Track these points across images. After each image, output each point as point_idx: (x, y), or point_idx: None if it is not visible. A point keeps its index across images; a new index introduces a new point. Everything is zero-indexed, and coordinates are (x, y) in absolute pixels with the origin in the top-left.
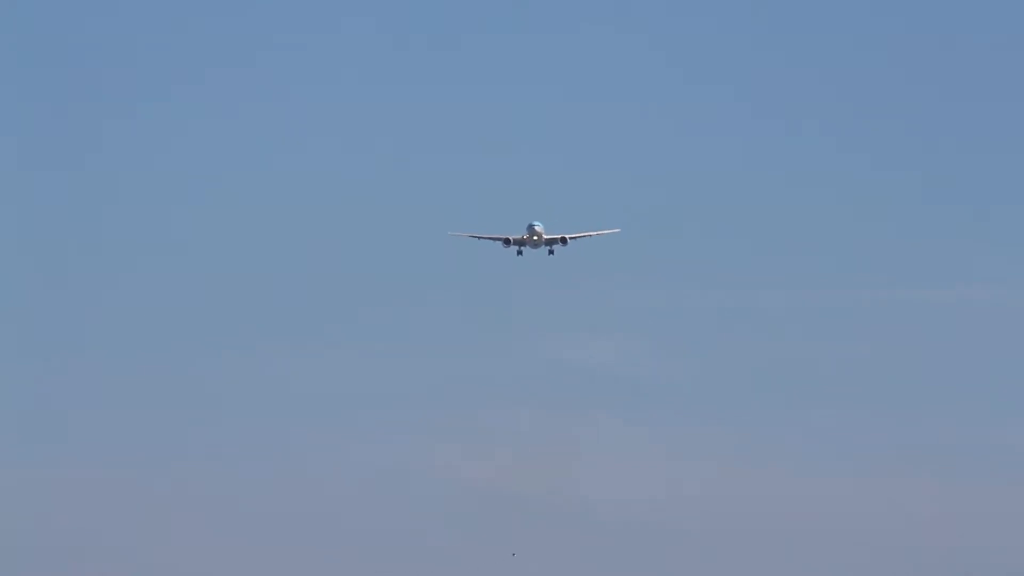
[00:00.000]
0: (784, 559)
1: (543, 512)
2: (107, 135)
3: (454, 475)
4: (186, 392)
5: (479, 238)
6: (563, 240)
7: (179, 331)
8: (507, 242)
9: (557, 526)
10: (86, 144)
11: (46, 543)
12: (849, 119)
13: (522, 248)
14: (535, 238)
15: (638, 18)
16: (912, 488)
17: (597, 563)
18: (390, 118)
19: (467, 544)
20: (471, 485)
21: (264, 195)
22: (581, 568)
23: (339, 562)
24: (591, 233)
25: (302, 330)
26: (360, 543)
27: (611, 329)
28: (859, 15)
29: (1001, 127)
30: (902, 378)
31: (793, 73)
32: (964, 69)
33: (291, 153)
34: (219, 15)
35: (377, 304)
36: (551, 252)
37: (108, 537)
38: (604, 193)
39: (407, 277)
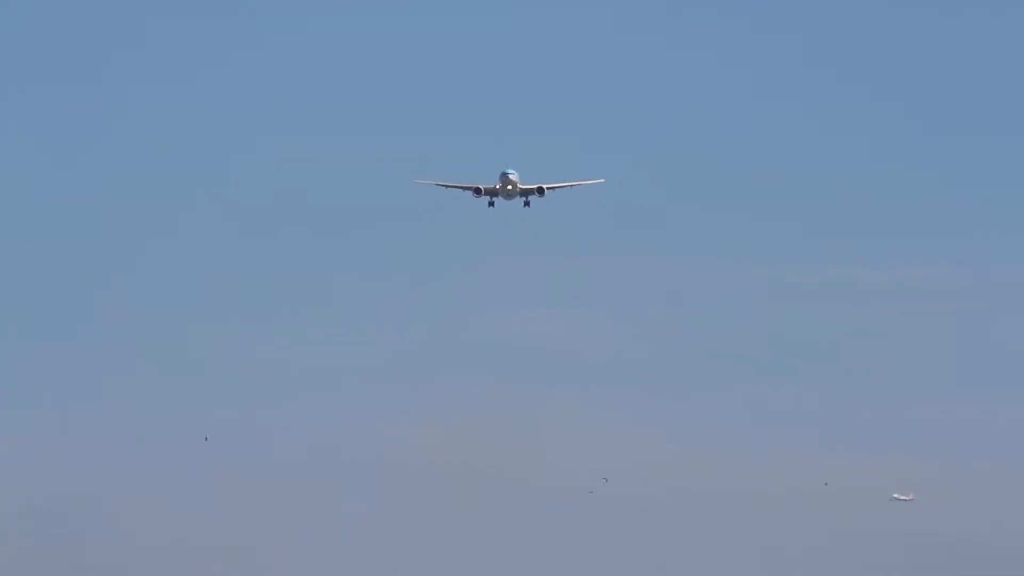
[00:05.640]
0: (740, 534)
1: (496, 485)
2: (105, 127)
3: (405, 447)
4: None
5: (447, 187)
6: (540, 191)
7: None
8: (478, 192)
9: (509, 499)
10: (89, 135)
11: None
12: (811, 95)
13: (494, 199)
14: (509, 188)
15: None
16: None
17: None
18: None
19: (420, 516)
20: (420, 457)
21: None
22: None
23: (294, 533)
24: (572, 183)
25: (257, 306)
26: (315, 515)
27: (568, 302)
28: None
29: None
30: (852, 352)
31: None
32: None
33: (247, 135)
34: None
35: (334, 276)
36: (527, 204)
37: (88, 520)
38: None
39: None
